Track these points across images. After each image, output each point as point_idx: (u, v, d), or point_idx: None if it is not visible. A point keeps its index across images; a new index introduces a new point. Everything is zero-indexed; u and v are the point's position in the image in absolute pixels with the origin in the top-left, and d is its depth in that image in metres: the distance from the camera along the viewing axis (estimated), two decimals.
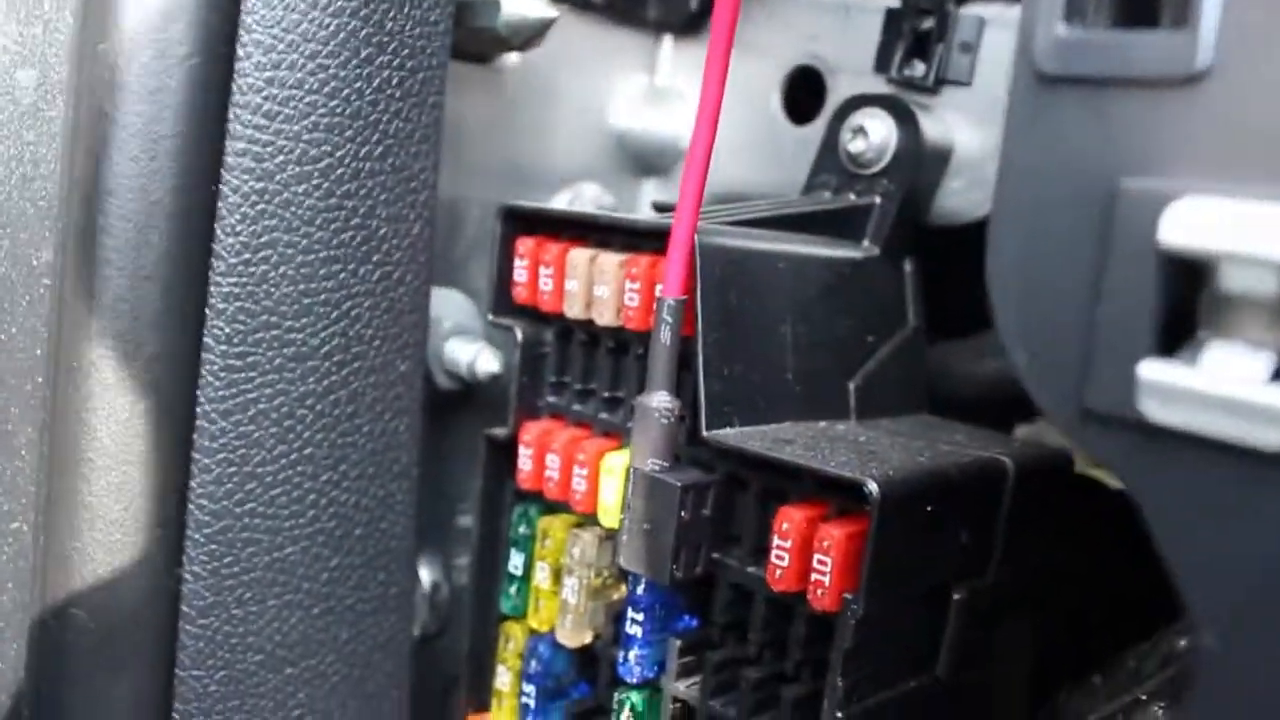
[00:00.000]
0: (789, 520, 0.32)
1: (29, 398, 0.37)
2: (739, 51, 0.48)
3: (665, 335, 0.33)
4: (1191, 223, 0.21)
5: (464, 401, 0.47)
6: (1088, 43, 0.23)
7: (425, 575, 0.48)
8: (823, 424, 0.38)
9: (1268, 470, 0.20)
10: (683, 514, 0.33)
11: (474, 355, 0.43)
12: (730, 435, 0.35)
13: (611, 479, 0.37)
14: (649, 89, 0.52)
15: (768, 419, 0.37)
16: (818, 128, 0.47)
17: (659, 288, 0.35)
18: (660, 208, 0.47)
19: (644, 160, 0.52)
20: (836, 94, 0.47)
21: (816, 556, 0.32)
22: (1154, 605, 0.30)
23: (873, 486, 0.31)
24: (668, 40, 0.52)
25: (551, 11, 0.42)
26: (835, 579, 0.31)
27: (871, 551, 0.31)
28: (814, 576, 0.32)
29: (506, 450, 0.42)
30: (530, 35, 0.42)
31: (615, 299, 0.37)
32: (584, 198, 0.50)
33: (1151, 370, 0.22)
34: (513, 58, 0.46)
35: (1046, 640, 0.41)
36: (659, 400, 0.34)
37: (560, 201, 0.49)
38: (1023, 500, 0.37)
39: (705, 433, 0.34)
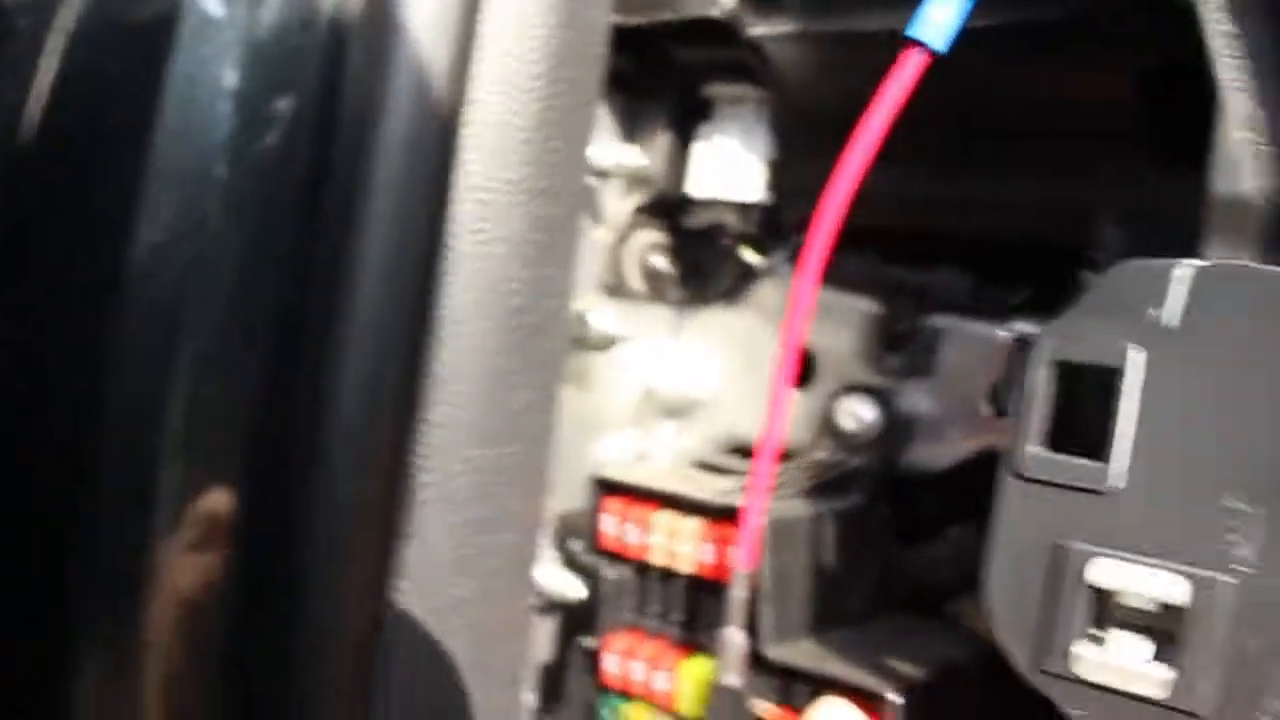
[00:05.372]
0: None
1: None
2: (749, 327, 0.64)
3: (739, 593, 0.48)
4: (1105, 572, 0.37)
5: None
6: (1051, 461, 0.38)
7: None
8: (836, 633, 0.53)
9: (1155, 711, 0.36)
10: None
11: (563, 584, 0.57)
12: (784, 653, 0.50)
13: (688, 681, 0.52)
14: (672, 353, 0.67)
15: (802, 634, 0.52)
16: (810, 395, 0.63)
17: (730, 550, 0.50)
18: (704, 465, 0.62)
19: (668, 408, 0.67)
20: (824, 370, 0.63)
21: None
22: None
23: (894, 697, 0.46)
24: (686, 315, 0.67)
25: (628, 329, 0.57)
26: None
27: None
28: None
29: (592, 656, 0.56)
30: (608, 345, 0.57)
31: (694, 555, 0.52)
32: (625, 443, 0.65)
33: (1081, 649, 0.37)
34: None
35: None
36: (733, 634, 0.49)
37: (607, 445, 0.64)
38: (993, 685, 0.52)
39: (767, 653, 0.49)
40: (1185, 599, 0.35)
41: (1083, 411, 0.39)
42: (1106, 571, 0.37)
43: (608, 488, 0.56)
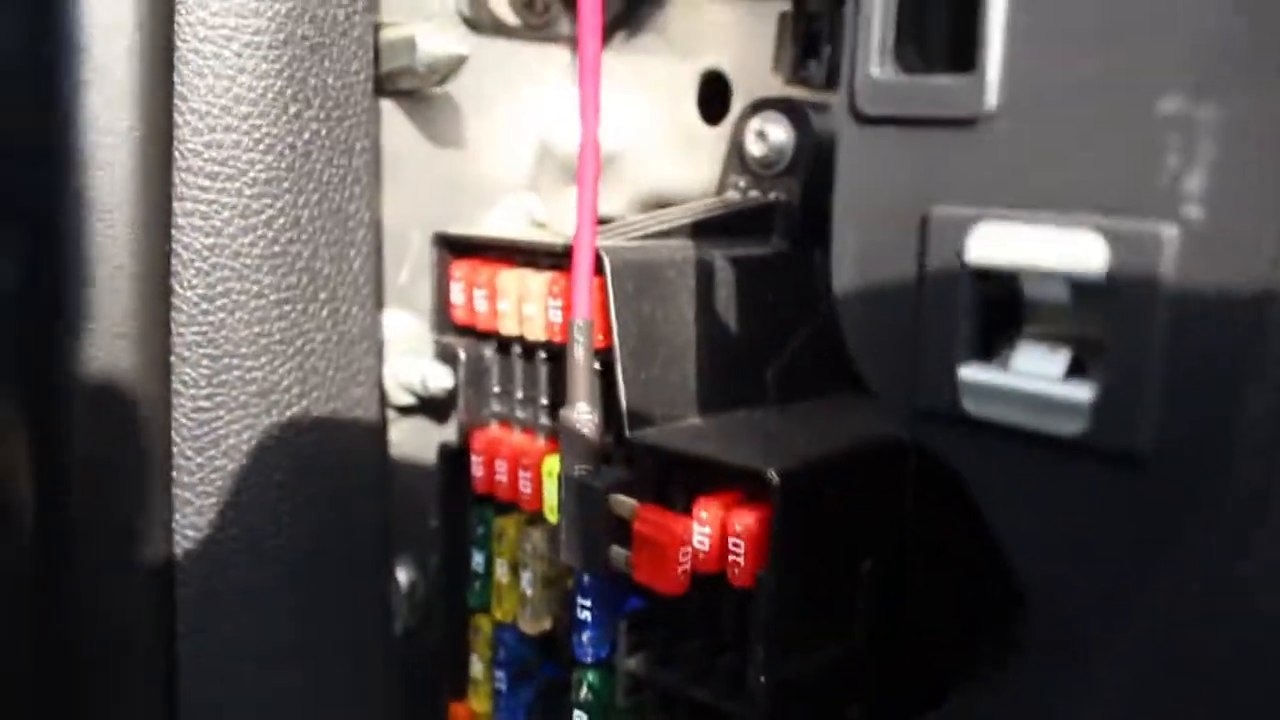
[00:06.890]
0: (706, 509, 0.36)
1: None
2: (654, 58, 0.51)
3: (579, 352, 0.37)
4: (991, 243, 0.24)
5: (425, 413, 0.50)
6: (895, 85, 0.26)
7: (403, 576, 0.51)
8: (742, 414, 0.42)
9: (1066, 453, 0.24)
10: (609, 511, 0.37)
11: (424, 373, 0.46)
12: (652, 434, 0.38)
13: (553, 481, 0.41)
14: (571, 100, 0.55)
15: (689, 414, 0.40)
16: (725, 126, 0.50)
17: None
18: (602, 220, 0.50)
19: (571, 168, 0.55)
20: (738, 93, 0.50)
21: (731, 540, 0.35)
22: None
23: (773, 475, 0.34)
24: None
25: (464, 48, 0.45)
26: (749, 558, 0.35)
27: (778, 532, 0.34)
28: (731, 557, 0.35)
29: (460, 458, 0.45)
30: (447, 70, 0.45)
31: (542, 316, 0.41)
32: (520, 209, 0.53)
33: (969, 373, 0.25)
34: (436, 88, 0.49)
35: (967, 606, 0.44)
36: (579, 411, 0.37)
37: (498, 215, 0.52)
38: (926, 475, 0.40)
39: (628, 434, 0.38)
40: (1105, 264, 0.23)
41: (933, 17, 0.26)
42: (993, 242, 0.24)
43: (452, 247, 0.45)
